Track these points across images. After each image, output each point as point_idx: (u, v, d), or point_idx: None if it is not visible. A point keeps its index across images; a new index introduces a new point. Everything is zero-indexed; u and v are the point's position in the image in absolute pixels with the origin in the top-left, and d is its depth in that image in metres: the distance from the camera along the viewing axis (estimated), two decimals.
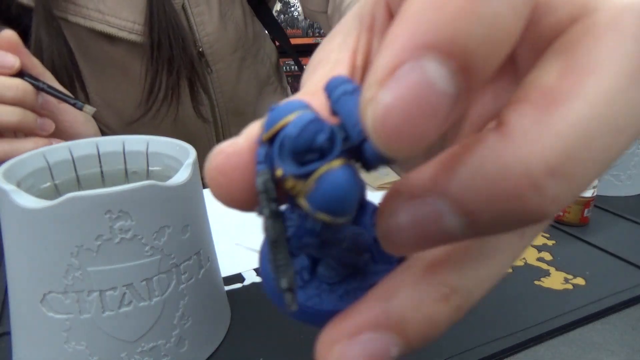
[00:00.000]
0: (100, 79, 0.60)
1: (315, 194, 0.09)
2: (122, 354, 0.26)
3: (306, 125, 0.10)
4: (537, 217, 0.09)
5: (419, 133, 0.08)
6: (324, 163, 0.09)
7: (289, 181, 0.10)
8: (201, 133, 0.66)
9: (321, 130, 0.10)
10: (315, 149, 0.10)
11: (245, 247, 0.44)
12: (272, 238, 0.11)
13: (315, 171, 0.09)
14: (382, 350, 0.10)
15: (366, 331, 0.10)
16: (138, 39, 0.55)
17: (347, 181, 0.09)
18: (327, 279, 0.12)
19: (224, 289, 0.34)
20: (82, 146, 0.32)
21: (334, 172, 0.09)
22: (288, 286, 0.10)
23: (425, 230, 0.09)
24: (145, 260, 0.25)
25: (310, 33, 2.66)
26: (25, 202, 0.23)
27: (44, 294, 0.25)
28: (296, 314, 0.12)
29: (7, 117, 0.40)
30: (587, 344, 0.31)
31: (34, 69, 0.43)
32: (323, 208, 0.09)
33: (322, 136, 0.10)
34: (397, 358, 0.11)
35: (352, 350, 0.10)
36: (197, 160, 0.30)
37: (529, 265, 0.40)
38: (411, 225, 0.09)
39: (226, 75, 0.64)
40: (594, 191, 0.46)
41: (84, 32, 0.55)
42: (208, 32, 0.60)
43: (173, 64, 0.55)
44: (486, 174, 0.08)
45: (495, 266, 0.11)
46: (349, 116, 0.10)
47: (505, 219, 0.09)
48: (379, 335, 0.10)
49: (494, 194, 0.08)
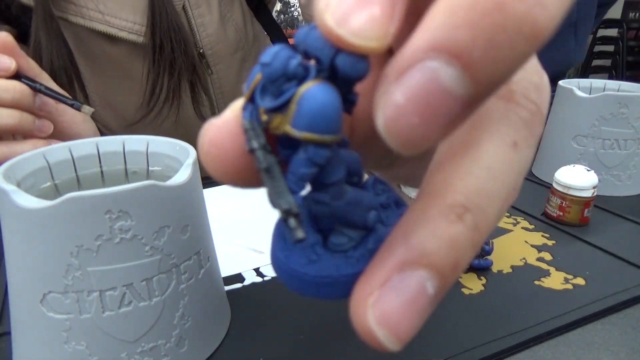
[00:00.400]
0: (101, 79, 0.60)
1: (299, 114, 0.10)
2: (122, 354, 0.26)
3: (277, 52, 0.10)
4: (526, 27, 0.08)
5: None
6: (302, 84, 0.10)
7: (274, 120, 0.10)
8: None
9: (293, 57, 0.10)
10: (291, 76, 0.10)
11: (245, 247, 0.44)
12: (264, 166, 0.11)
13: (295, 95, 0.10)
14: (416, 289, 0.10)
15: (394, 275, 0.10)
16: (138, 39, 0.55)
17: (326, 94, 0.10)
18: (341, 247, 0.12)
19: (224, 289, 0.34)
20: (82, 146, 0.32)
21: (312, 88, 0.10)
22: (288, 207, 0.10)
23: (427, 97, 0.09)
24: (145, 260, 0.25)
25: None
26: (25, 202, 0.23)
27: (44, 294, 0.25)
28: (316, 289, 0.12)
29: (5, 119, 0.40)
30: (587, 344, 0.31)
31: (31, 70, 0.43)
32: (308, 126, 0.10)
33: (294, 61, 0.10)
34: (436, 294, 0.10)
35: (387, 297, 0.10)
36: (197, 160, 0.30)
37: (529, 265, 0.40)
38: (411, 98, 0.09)
39: (226, 76, 0.65)
40: (594, 191, 0.46)
41: (85, 32, 0.55)
42: (209, 33, 0.60)
43: (175, 66, 0.55)
44: (463, 4, 0.08)
45: (496, 180, 0.11)
46: (314, 43, 0.10)
47: (498, 42, 0.08)
48: (408, 274, 0.10)
49: (475, 20, 0.08)
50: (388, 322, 0.10)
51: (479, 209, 0.10)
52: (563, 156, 0.57)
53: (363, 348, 0.34)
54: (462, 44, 0.08)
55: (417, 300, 0.10)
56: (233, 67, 0.65)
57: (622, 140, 0.54)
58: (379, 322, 0.10)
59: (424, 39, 0.08)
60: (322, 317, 0.34)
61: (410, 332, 0.10)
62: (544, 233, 0.46)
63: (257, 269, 0.40)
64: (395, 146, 0.09)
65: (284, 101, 0.10)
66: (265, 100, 0.10)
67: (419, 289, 0.10)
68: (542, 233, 0.46)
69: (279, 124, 0.10)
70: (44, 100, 0.43)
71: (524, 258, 0.42)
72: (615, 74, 2.76)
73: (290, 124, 0.10)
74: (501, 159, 0.11)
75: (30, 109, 0.42)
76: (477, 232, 0.10)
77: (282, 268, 0.12)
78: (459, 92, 0.09)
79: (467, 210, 0.10)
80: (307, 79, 0.10)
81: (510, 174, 0.11)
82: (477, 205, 0.10)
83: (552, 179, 0.48)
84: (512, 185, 0.11)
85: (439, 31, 0.08)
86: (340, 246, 0.12)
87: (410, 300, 0.10)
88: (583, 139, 0.55)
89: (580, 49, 1.12)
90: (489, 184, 0.11)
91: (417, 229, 0.10)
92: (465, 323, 0.33)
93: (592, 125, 0.54)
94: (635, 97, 0.52)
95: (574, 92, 0.55)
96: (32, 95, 0.42)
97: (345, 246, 0.12)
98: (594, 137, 0.54)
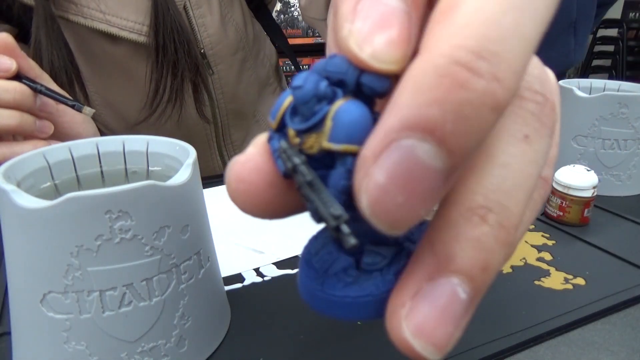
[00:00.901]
0: (102, 80, 0.60)
1: (335, 128, 0.11)
2: (122, 354, 0.26)
3: (307, 76, 0.11)
4: (488, 99, 0.09)
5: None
6: (333, 103, 0.11)
7: (308, 140, 0.11)
8: (201, 134, 0.66)
9: (321, 80, 0.11)
10: (322, 96, 0.11)
11: (245, 247, 0.44)
12: (310, 179, 0.11)
13: (329, 112, 0.11)
14: (448, 296, 0.10)
15: (424, 284, 0.10)
16: (139, 39, 0.55)
17: (358, 107, 0.11)
18: (375, 266, 0.12)
19: (224, 289, 0.34)
20: (82, 146, 0.32)
21: (345, 104, 0.11)
22: (340, 213, 0.11)
23: (408, 174, 0.09)
24: (145, 260, 0.25)
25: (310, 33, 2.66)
26: (25, 202, 0.23)
27: (44, 294, 0.25)
28: (357, 311, 0.12)
29: (5, 120, 0.40)
30: (587, 344, 0.31)
31: (31, 71, 0.43)
32: (346, 138, 0.10)
33: (323, 83, 0.11)
34: (470, 299, 0.10)
35: (419, 307, 0.10)
36: (197, 160, 0.30)
37: (529, 265, 0.40)
38: (392, 178, 0.09)
39: (227, 76, 0.65)
40: (594, 191, 0.46)
41: (86, 32, 0.55)
42: (209, 33, 0.60)
43: (178, 67, 0.55)
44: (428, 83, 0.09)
45: (513, 174, 0.11)
46: (337, 68, 0.11)
47: (466, 115, 0.09)
48: (438, 282, 0.10)
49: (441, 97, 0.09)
50: (423, 332, 0.10)
51: (500, 207, 0.11)
52: (563, 156, 0.57)
53: (363, 348, 0.34)
54: (434, 120, 0.09)
55: (450, 307, 0.10)
56: (234, 67, 0.65)
57: (622, 140, 0.54)
58: (413, 333, 0.10)
59: (396, 118, 0.09)
60: (322, 317, 0.34)
61: (448, 339, 0.10)
62: (544, 233, 0.46)
63: (257, 269, 0.40)
64: (382, 227, 0.09)
65: (319, 119, 0.11)
66: (296, 122, 0.11)
67: (451, 295, 0.10)
68: (542, 233, 0.46)
69: (313, 143, 0.11)
70: (45, 101, 0.43)
71: (524, 258, 0.42)
72: (615, 74, 2.76)
73: (328, 139, 0.11)
74: (514, 154, 0.11)
75: (30, 110, 0.42)
76: (503, 230, 0.10)
77: (318, 295, 0.12)
78: (437, 165, 0.09)
79: (489, 211, 0.10)
80: (336, 98, 0.11)
81: (527, 167, 0.11)
82: (498, 204, 0.11)
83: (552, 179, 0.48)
84: (532, 177, 0.11)
85: (410, 109, 0.09)
86: (375, 265, 0.12)
87: (443, 308, 0.10)
88: (583, 139, 0.55)
89: (579, 49, 1.12)
90: (507, 182, 0.11)
91: (441, 236, 0.10)
92: None
93: (592, 125, 0.54)
94: (635, 97, 0.52)
95: (574, 92, 0.55)
96: (33, 96, 0.42)
97: (380, 264, 0.12)
98: (594, 137, 0.54)
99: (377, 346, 0.31)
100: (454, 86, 0.09)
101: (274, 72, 0.77)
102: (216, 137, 0.68)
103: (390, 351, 0.31)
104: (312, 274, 0.13)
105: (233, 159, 0.13)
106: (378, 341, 0.32)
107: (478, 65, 0.09)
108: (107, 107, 0.62)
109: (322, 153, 0.11)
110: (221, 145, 0.70)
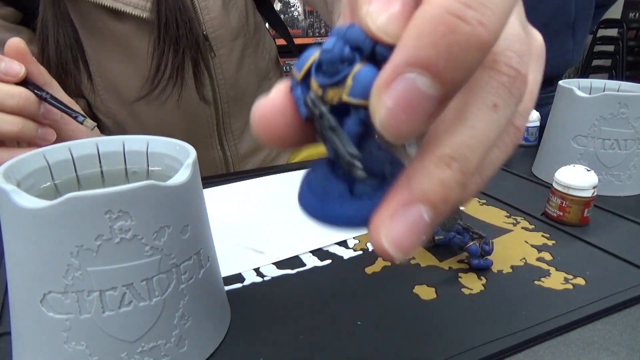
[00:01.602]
0: (104, 57, 0.61)
1: (355, 86, 0.13)
2: (122, 354, 0.26)
3: (335, 42, 0.14)
4: (473, 41, 0.11)
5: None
6: (353, 66, 0.14)
7: (329, 93, 0.14)
8: (202, 119, 0.67)
9: (345, 46, 0.14)
10: (345, 59, 0.14)
11: (245, 247, 0.44)
12: (333, 124, 0.14)
13: (350, 73, 0.14)
14: (416, 218, 0.14)
15: (400, 208, 0.14)
16: (143, 15, 0.55)
17: (374, 72, 0.13)
18: (364, 192, 0.15)
19: (224, 289, 0.34)
20: (82, 146, 0.32)
21: (364, 68, 0.14)
22: (356, 152, 0.14)
23: (410, 100, 0.12)
24: (145, 260, 0.25)
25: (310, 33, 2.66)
26: (25, 202, 0.23)
27: (44, 294, 0.25)
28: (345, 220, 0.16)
29: (7, 126, 0.40)
30: (587, 344, 0.31)
31: (40, 77, 0.43)
32: (361, 94, 0.13)
33: (347, 49, 0.14)
34: (431, 221, 0.14)
35: (395, 224, 0.14)
36: (197, 152, 0.30)
37: (529, 265, 0.41)
38: (397, 102, 0.12)
39: (228, 61, 0.66)
40: (594, 191, 0.46)
41: (90, 8, 0.56)
42: (212, 16, 0.61)
43: (180, 44, 0.56)
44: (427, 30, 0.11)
45: (477, 134, 0.14)
46: (357, 37, 0.14)
47: (456, 54, 0.11)
48: (410, 207, 0.14)
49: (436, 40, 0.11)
50: (396, 242, 0.14)
51: (463, 158, 0.14)
52: (563, 156, 0.57)
53: (363, 348, 0.34)
54: (430, 59, 0.11)
55: (417, 225, 0.14)
56: (234, 52, 0.66)
57: (622, 140, 0.54)
58: (389, 242, 0.14)
59: (402, 57, 0.12)
60: (322, 317, 0.34)
61: (412, 248, 0.14)
62: (544, 233, 0.46)
63: (257, 269, 0.40)
64: (390, 138, 0.13)
65: (343, 77, 0.14)
66: (321, 77, 0.14)
67: (418, 217, 0.14)
68: (542, 233, 0.46)
69: (334, 95, 0.14)
70: (49, 108, 0.43)
71: (524, 258, 0.42)
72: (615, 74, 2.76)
73: (348, 94, 0.14)
74: (482, 119, 0.14)
75: (34, 117, 0.42)
76: (462, 175, 0.14)
77: (319, 212, 0.16)
78: (432, 93, 0.12)
79: (454, 159, 0.14)
80: (355, 62, 0.14)
81: (490, 130, 0.14)
82: (462, 155, 0.14)
83: (552, 179, 0.48)
84: (493, 137, 0.14)
85: (412, 50, 0.12)
86: (364, 192, 0.16)
87: (411, 226, 0.14)
88: (583, 139, 0.55)
89: (577, 49, 1.12)
90: (471, 139, 0.14)
91: (416, 175, 0.14)
92: (465, 323, 0.33)
93: (592, 125, 0.54)
94: (635, 97, 0.52)
95: (574, 92, 0.55)
96: (37, 103, 0.42)
97: (368, 192, 0.16)
98: (594, 137, 0.54)
99: (377, 346, 0.31)
100: (447, 31, 0.11)
101: (274, 67, 0.78)
102: (217, 123, 0.69)
103: (390, 351, 0.31)
104: (313, 196, 0.16)
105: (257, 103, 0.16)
106: (378, 341, 0.32)
107: (466, 14, 0.11)
108: (108, 87, 0.63)
109: (339, 104, 0.14)
110: (221, 133, 0.70)
